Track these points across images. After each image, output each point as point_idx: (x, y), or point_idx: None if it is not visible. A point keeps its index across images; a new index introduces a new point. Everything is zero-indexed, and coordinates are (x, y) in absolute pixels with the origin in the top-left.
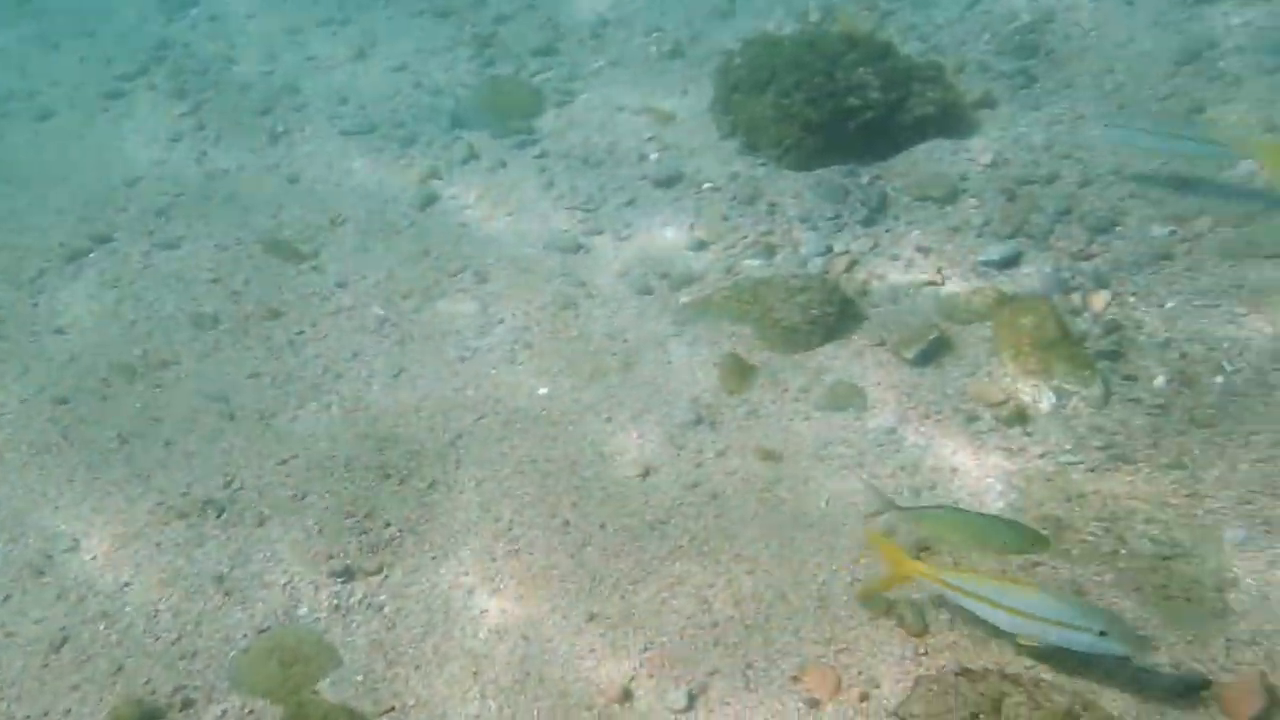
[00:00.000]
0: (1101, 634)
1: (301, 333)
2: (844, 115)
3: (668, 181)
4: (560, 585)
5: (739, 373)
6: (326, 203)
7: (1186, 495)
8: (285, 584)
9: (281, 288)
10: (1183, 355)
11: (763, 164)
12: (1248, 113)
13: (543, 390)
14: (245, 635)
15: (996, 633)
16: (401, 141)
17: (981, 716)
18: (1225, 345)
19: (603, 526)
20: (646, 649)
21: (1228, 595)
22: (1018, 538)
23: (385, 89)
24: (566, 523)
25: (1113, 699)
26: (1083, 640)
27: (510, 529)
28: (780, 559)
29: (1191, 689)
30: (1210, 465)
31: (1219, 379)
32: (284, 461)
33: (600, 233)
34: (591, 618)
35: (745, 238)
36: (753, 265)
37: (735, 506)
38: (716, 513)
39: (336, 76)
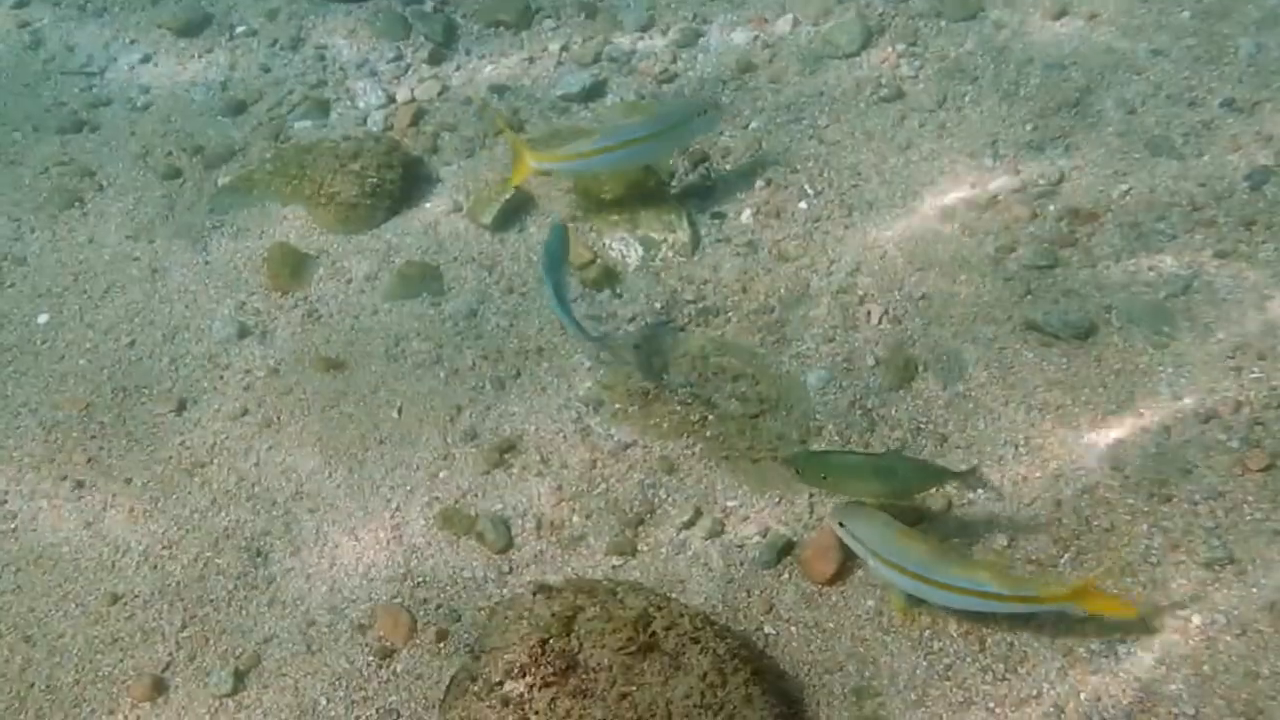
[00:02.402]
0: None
1: None
2: None
3: (192, 27)
4: (73, 563)
5: (291, 266)
6: None
7: (775, 341)
8: None
9: None
10: (768, 182)
11: None
12: None
13: (42, 318)
14: None
15: (580, 539)
16: None
17: (551, 640)
18: (809, 165)
19: (128, 481)
20: (185, 626)
21: (812, 446)
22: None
23: None
24: (79, 484)
25: (696, 590)
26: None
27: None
28: (348, 488)
29: (779, 555)
30: (794, 304)
31: (803, 204)
32: None
33: (108, 103)
34: (115, 600)
35: (291, 93)
36: (305, 127)
37: (293, 434)
38: (269, 445)
39: None
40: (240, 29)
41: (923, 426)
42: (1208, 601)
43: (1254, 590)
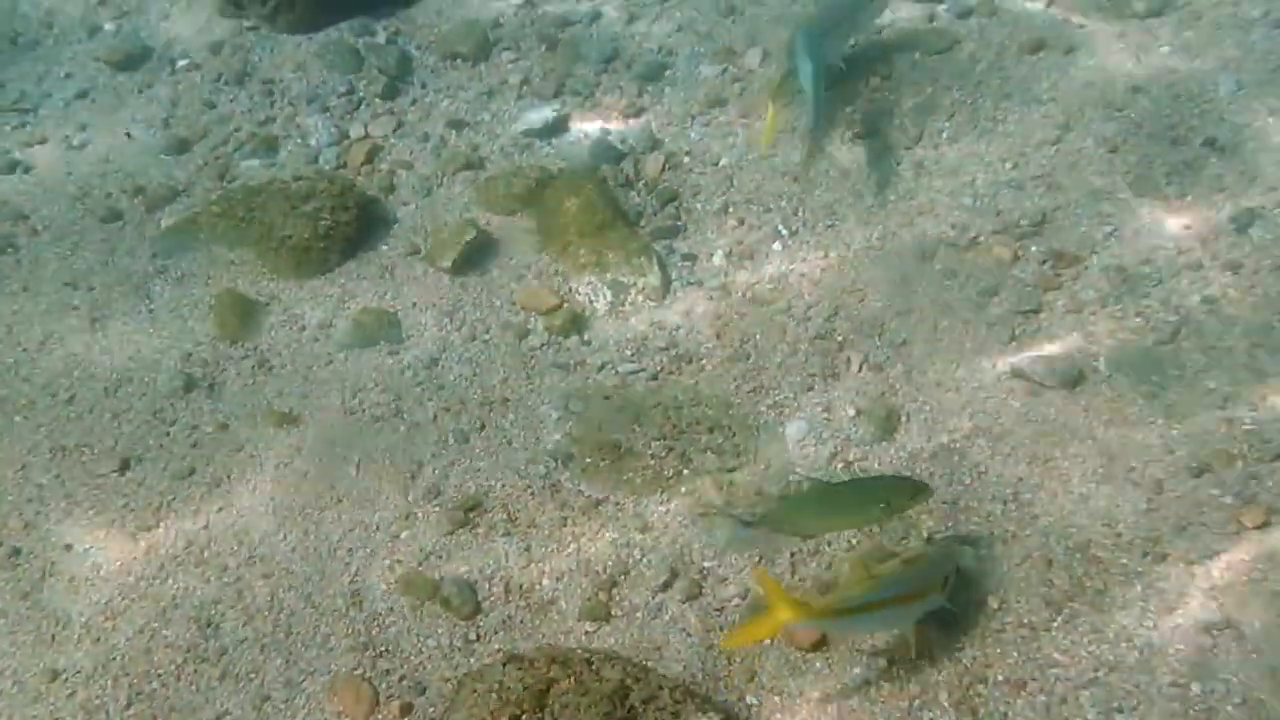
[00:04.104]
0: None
1: None
2: None
3: (131, 61)
4: (8, 638)
5: (240, 314)
6: None
7: (750, 390)
8: None
9: None
10: (741, 222)
11: (253, 27)
12: None
13: None
14: None
15: (550, 603)
16: None
17: (524, 717)
18: (782, 203)
19: (68, 548)
20: (130, 705)
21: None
22: (898, 494)
23: None
24: (15, 551)
25: (675, 656)
26: None
27: None
28: (304, 552)
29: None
30: (771, 350)
31: (777, 245)
32: None
33: (42, 142)
34: (55, 676)
35: (238, 130)
36: (252, 166)
37: (244, 494)
38: (219, 506)
39: None
40: (182, 63)
41: None
42: (1206, 668)
43: (1254, 656)
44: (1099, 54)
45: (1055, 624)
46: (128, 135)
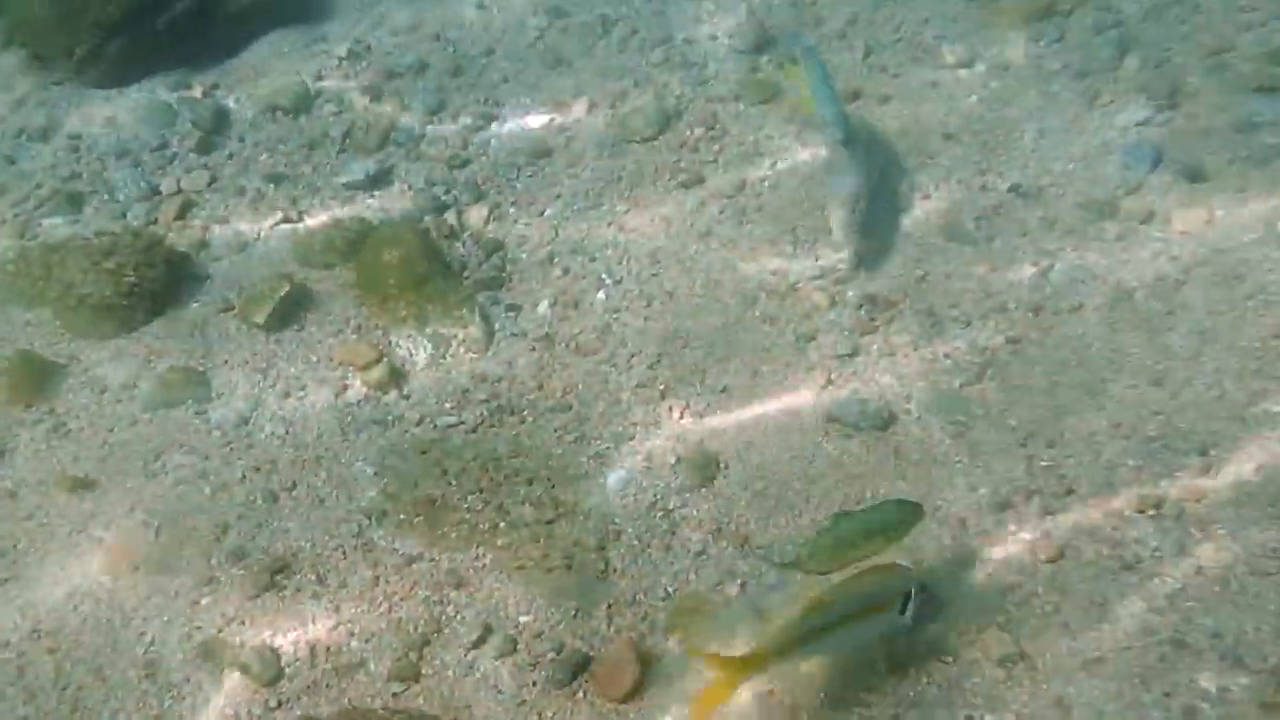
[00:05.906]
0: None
1: None
2: (148, 9)
3: None
4: None
5: (35, 376)
6: None
7: (572, 440)
8: None
9: None
10: (566, 271)
11: (59, 82)
12: None
13: None
14: None
15: (359, 665)
16: None
17: None
18: (607, 252)
19: None
20: None
21: (610, 553)
22: (901, 515)
23: None
24: None
25: (484, 714)
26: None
27: None
28: (95, 623)
29: (574, 672)
30: (593, 400)
31: (601, 295)
32: None
33: None
34: None
35: (40, 187)
36: (54, 224)
37: (31, 565)
38: (3, 578)
39: None
40: None
41: (724, 526)
42: (999, 699)
43: (1044, 687)
44: (913, 103)
45: None
46: None
